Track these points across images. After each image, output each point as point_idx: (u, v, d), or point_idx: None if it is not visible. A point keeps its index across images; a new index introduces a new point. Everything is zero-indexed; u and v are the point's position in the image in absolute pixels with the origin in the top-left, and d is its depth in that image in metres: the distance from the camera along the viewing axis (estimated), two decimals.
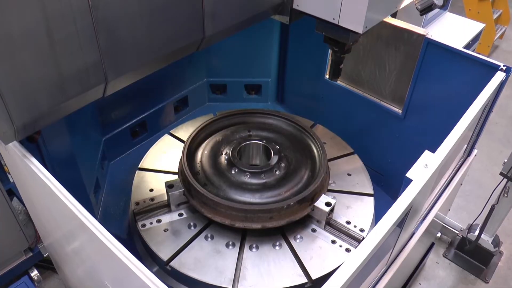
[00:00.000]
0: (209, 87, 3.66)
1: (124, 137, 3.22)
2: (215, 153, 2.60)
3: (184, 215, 2.42)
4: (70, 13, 1.55)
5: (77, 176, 2.48)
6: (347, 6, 2.12)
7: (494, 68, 2.34)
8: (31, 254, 3.01)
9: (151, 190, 2.56)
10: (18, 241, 2.88)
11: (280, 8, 2.40)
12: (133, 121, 3.22)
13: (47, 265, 3.23)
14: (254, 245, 2.29)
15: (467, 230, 3.46)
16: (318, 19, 2.29)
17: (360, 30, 2.15)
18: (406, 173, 2.98)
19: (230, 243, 2.28)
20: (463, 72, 2.49)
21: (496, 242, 3.38)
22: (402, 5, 2.45)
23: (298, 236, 2.34)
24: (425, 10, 2.47)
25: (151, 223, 2.37)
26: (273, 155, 2.56)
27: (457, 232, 3.63)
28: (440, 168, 1.85)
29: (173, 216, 2.41)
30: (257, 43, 3.40)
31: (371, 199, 2.60)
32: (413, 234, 2.31)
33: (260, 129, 2.81)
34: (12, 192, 3.10)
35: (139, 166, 2.74)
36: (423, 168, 1.74)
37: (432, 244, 3.39)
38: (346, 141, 2.99)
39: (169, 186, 2.38)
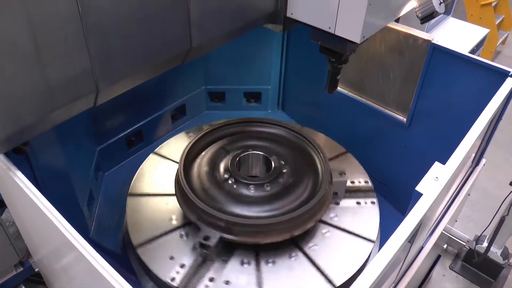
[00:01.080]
0: (207, 94, 3.58)
1: (119, 146, 3.10)
2: (213, 171, 2.49)
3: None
4: (57, 18, 1.47)
5: (69, 188, 2.38)
6: (344, 15, 2.02)
7: (504, 75, 2.24)
8: (21, 269, 2.89)
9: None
10: (8, 255, 2.77)
11: (273, 17, 2.30)
12: (129, 130, 3.12)
13: (38, 279, 3.11)
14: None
15: (474, 242, 3.35)
16: (313, 28, 2.19)
17: (357, 40, 2.05)
18: (410, 183, 2.88)
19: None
20: (471, 79, 2.40)
21: (506, 254, 3.26)
22: (402, 13, 2.37)
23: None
24: (426, 18, 2.37)
25: None
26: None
27: (464, 243, 3.51)
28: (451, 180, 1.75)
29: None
30: (257, 49, 3.31)
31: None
32: (421, 248, 2.20)
33: (250, 138, 2.73)
34: (3, 203, 2.99)
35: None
36: (433, 181, 1.64)
37: (439, 257, 3.28)
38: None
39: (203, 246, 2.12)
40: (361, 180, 2.68)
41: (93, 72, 1.68)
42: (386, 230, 2.51)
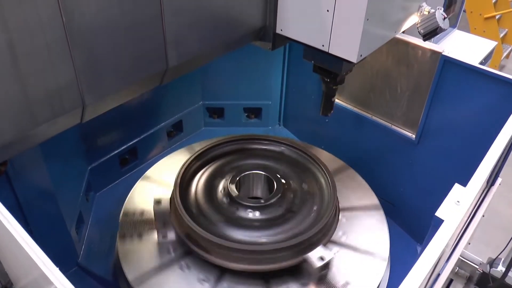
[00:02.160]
0: (205, 110, 3.50)
1: (112, 165, 3.00)
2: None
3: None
4: (37, 24, 1.33)
5: (56, 210, 2.24)
6: (339, 31, 1.86)
7: None
8: None
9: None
10: None
11: (261, 33, 2.14)
12: (122, 148, 3.00)
13: None
14: None
15: (488, 265, 3.16)
16: (305, 46, 2.04)
17: (354, 59, 1.89)
18: (419, 203, 2.76)
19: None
20: (485, 93, 2.27)
21: None
22: (403, 29, 2.24)
23: None
24: (429, 35, 2.21)
25: None
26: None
27: (477, 266, 3.32)
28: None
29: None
30: (257, 63, 3.23)
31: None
32: (438, 275, 2.03)
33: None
34: None
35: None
36: (454, 206, 1.48)
37: (450, 281, 3.09)
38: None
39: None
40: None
41: (78, 85, 1.54)
42: (395, 251, 2.41)
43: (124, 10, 1.53)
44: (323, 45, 1.95)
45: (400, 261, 2.49)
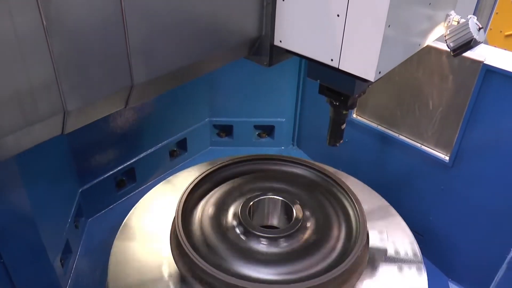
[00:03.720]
0: (212, 128, 3.41)
1: (107, 188, 2.87)
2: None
3: None
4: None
5: (35, 239, 2.03)
6: (351, 42, 1.57)
7: None
8: None
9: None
10: None
11: (256, 46, 1.86)
12: (119, 168, 2.89)
13: None
14: None
15: None
16: (310, 61, 1.74)
17: (371, 76, 1.58)
18: (452, 234, 2.49)
19: None
20: None
21: None
22: (427, 42, 1.98)
23: None
24: (460, 49, 1.91)
25: None
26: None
27: None
28: None
29: None
30: (270, 76, 3.11)
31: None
32: None
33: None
34: None
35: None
36: None
37: None
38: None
39: None
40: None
41: (58, 85, 1.28)
42: None
43: None
44: (331, 60, 1.66)
45: None
